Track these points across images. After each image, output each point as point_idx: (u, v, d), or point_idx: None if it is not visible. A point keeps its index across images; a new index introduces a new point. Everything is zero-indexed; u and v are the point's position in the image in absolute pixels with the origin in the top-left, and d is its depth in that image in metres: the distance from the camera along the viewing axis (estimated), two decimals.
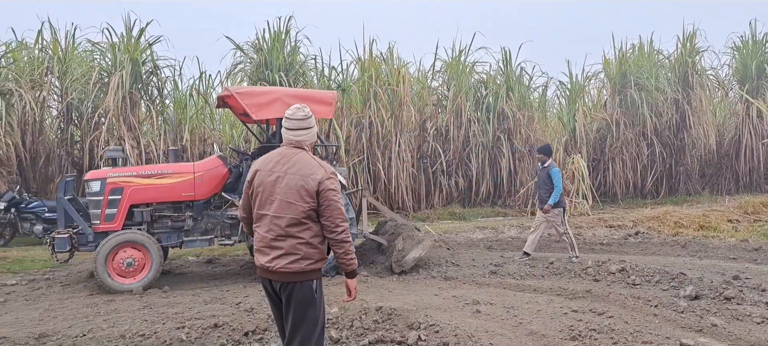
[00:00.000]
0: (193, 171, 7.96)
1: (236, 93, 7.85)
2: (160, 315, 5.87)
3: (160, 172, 7.95)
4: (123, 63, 12.42)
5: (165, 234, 7.98)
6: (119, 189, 7.72)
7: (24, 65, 12.67)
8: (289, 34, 13.98)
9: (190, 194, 7.93)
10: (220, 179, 8.16)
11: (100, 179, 7.75)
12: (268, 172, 3.42)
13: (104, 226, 7.69)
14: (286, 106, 7.74)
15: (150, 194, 7.84)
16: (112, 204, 7.71)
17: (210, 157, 8.80)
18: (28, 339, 5.18)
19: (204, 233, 8.08)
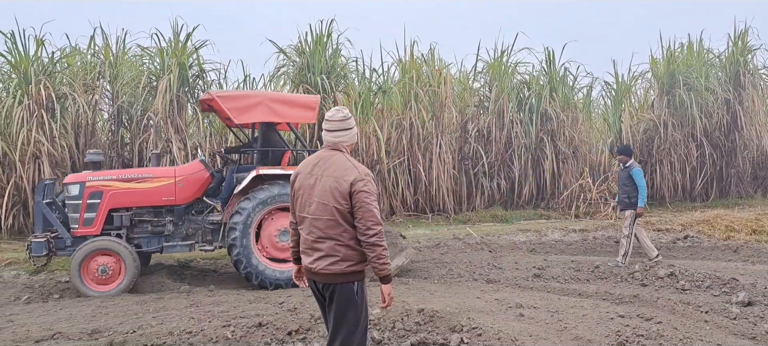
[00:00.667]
0: (174, 175, 7.94)
1: (218, 97, 7.84)
2: (206, 313, 6.01)
3: (140, 176, 7.94)
4: (170, 67, 12.74)
5: (145, 239, 7.93)
6: (98, 193, 7.67)
7: (77, 70, 13.09)
8: (331, 37, 14.09)
9: (171, 199, 7.89)
10: (201, 184, 8.11)
11: (79, 183, 7.72)
12: (307, 175, 3.47)
13: (83, 230, 7.65)
14: (269, 111, 7.91)
15: (130, 198, 7.79)
16: (90, 208, 7.67)
17: (192, 162, 8.74)
18: (81, 335, 5.38)
19: (185, 238, 8.02)
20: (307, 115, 8.14)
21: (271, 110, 7.87)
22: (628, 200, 8.82)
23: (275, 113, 7.91)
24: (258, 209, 7.61)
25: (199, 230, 8.04)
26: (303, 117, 8.18)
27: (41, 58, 12.44)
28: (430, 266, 8.89)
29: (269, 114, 7.86)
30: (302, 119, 8.28)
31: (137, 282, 8.14)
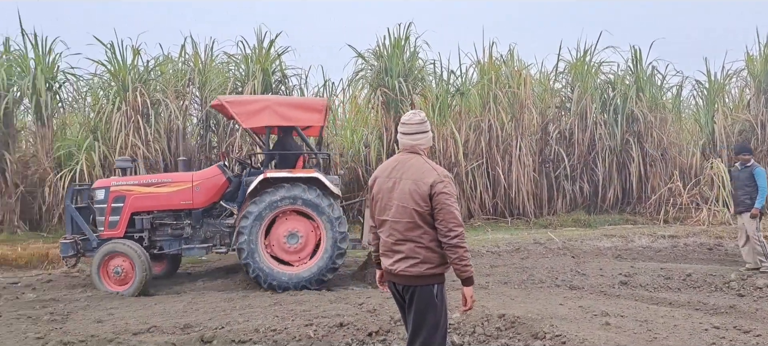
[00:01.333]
0: (192, 180, 8.15)
1: (226, 102, 8.01)
2: (289, 312, 6.17)
3: (159, 181, 8.23)
4: (255, 73, 13.21)
5: (166, 241, 8.18)
6: (121, 197, 8.01)
7: (169, 77, 13.83)
8: (409, 40, 14.16)
9: (188, 203, 8.10)
10: (218, 188, 8.29)
11: (105, 188, 8.10)
12: (385, 178, 3.50)
13: (108, 233, 7.99)
14: (275, 115, 7.93)
15: (150, 202, 8.08)
16: (115, 212, 8.02)
17: (210, 167, 8.95)
18: (174, 329, 5.66)
19: (203, 240, 8.22)
20: (314, 117, 8.08)
21: (277, 114, 7.93)
22: (749, 200, 8.32)
23: (282, 117, 7.96)
24: (265, 212, 7.69)
25: (217, 233, 8.23)
26: (310, 120, 8.13)
27: (137, 67, 13.22)
28: (509, 270, 8.74)
29: (275, 118, 7.93)
30: (309, 122, 8.22)
31: (224, 279, 8.50)
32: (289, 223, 7.83)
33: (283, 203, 7.69)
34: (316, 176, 7.82)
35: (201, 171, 8.69)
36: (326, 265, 7.75)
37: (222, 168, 8.48)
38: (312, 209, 7.74)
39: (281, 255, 7.84)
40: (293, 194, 7.69)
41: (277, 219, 7.83)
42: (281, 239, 7.81)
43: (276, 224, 7.83)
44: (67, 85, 13.77)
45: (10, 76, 12.70)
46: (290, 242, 7.82)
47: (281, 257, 7.84)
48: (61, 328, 5.86)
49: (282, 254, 7.84)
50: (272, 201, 7.66)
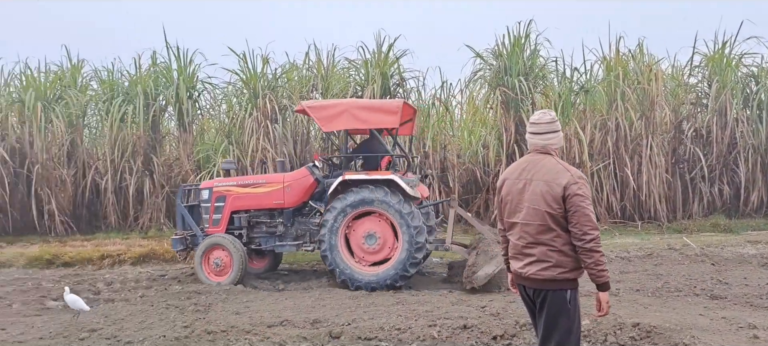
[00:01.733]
0: (283, 181, 8.52)
1: (308, 107, 8.27)
2: (412, 312, 6.25)
3: (255, 182, 8.70)
4: (374, 77, 13.52)
5: (263, 239, 8.66)
6: (223, 197, 8.62)
7: (295, 84, 14.51)
8: (529, 38, 13.82)
9: (280, 202, 8.50)
10: (307, 189, 8.58)
11: (209, 189, 8.76)
12: (515, 179, 3.44)
13: (212, 229, 8.64)
14: (352, 118, 8.08)
15: (247, 201, 8.59)
16: (217, 210, 8.65)
17: (300, 169, 9.23)
18: (305, 323, 5.94)
19: (295, 238, 8.56)
20: (390, 119, 8.12)
21: (355, 117, 8.09)
22: None
23: (359, 120, 8.12)
24: (344, 212, 7.87)
25: (307, 231, 8.55)
26: (385, 122, 8.19)
27: (266, 75, 14.01)
28: (641, 277, 8.26)
29: (353, 121, 8.11)
30: (385, 124, 8.28)
31: None
32: (368, 224, 8.02)
33: (361, 204, 7.89)
34: (392, 178, 7.90)
35: (291, 172, 9.06)
36: (403, 266, 7.82)
37: (310, 169, 8.82)
38: (388, 211, 7.86)
39: (360, 255, 8.07)
40: (370, 196, 7.85)
41: (357, 220, 8.05)
42: (360, 239, 8.03)
43: (355, 224, 8.06)
44: (205, 94, 14.88)
45: (156, 87, 13.97)
46: (368, 243, 8.01)
47: (362, 257, 8.07)
48: (204, 318, 6.34)
49: (361, 253, 8.06)
50: (350, 203, 7.89)
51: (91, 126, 15.38)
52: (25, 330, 6.10)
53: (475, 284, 7.43)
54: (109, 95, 13.99)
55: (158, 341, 5.43)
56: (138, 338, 5.60)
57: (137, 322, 6.25)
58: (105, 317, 6.49)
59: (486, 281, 7.41)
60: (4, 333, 6.03)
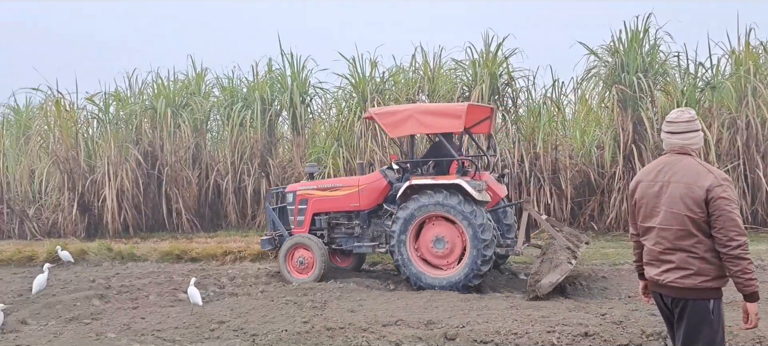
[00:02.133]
0: (358, 185, 8.79)
1: (375, 113, 8.53)
2: (527, 317, 6.11)
3: (333, 186, 9.07)
4: (482, 77, 13.37)
5: (342, 239, 8.97)
6: (305, 200, 9.02)
7: (401, 86, 14.68)
8: (648, 33, 13.08)
9: (356, 205, 8.77)
10: (380, 192, 8.75)
11: (293, 192, 9.21)
12: (650, 182, 3.27)
13: (297, 230, 9.07)
14: (418, 123, 8.16)
15: (326, 204, 8.95)
16: (301, 212, 9.06)
17: (374, 172, 9.54)
18: (419, 324, 5.98)
19: (371, 239, 8.79)
20: (454, 123, 8.07)
21: (420, 122, 8.19)
22: None
23: (424, 125, 8.26)
24: (411, 216, 7.98)
25: (382, 232, 8.69)
26: (450, 126, 8.18)
27: (374, 78, 14.27)
28: None
29: (418, 126, 8.26)
30: (449, 128, 8.26)
31: None
32: (437, 228, 8.07)
33: (427, 209, 7.96)
34: (459, 182, 7.85)
35: (366, 176, 9.24)
36: (471, 271, 7.76)
37: (384, 173, 8.98)
38: (455, 215, 7.84)
39: (429, 258, 8.13)
40: (435, 201, 7.88)
41: (426, 223, 8.11)
42: (429, 243, 8.10)
43: (425, 228, 8.13)
44: (316, 98, 15.42)
45: (272, 92, 14.66)
46: (437, 247, 8.06)
47: (429, 260, 8.13)
48: (322, 314, 6.57)
49: (430, 257, 8.12)
50: (417, 207, 7.98)
51: (212, 130, 16.42)
52: (162, 320, 6.60)
53: (538, 292, 7.14)
54: (229, 101, 14.87)
55: (281, 335, 5.69)
56: (262, 331, 5.90)
57: (260, 316, 6.59)
58: (231, 310, 6.91)
59: (550, 289, 7.14)
60: (144, 322, 6.57)
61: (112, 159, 14.05)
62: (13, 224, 15.16)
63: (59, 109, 14.85)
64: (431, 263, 8.12)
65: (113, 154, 14.10)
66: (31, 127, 16.36)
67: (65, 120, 14.73)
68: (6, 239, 14.71)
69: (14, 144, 15.86)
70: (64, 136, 14.51)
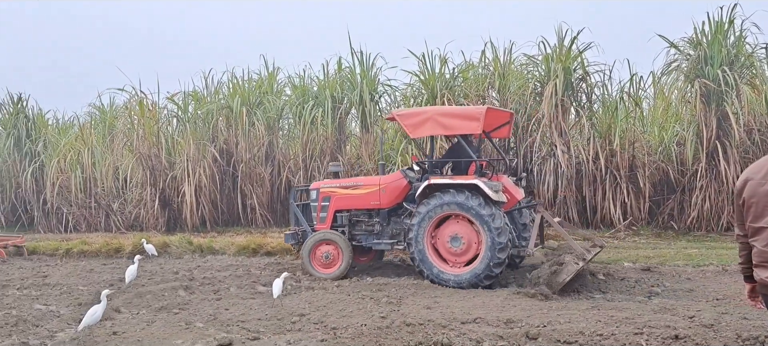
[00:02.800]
0: (379, 184, 9.06)
1: (397, 115, 8.85)
2: (610, 318, 5.95)
3: (355, 184, 9.34)
4: (556, 72, 13.08)
5: (363, 236, 9.15)
6: (328, 197, 9.29)
7: (471, 82, 14.56)
8: (733, 24, 12.44)
9: (377, 203, 9.02)
10: (401, 191, 8.99)
11: (316, 189, 9.47)
12: (761, 180, 3.10)
13: (319, 226, 9.34)
14: (437, 125, 8.37)
15: (348, 202, 9.19)
16: (324, 209, 9.33)
17: (395, 172, 9.80)
18: (498, 322, 5.93)
19: (391, 237, 9.02)
20: (472, 125, 8.29)
21: (439, 124, 8.42)
22: None
23: (443, 127, 8.47)
24: (429, 214, 8.20)
25: (401, 230, 8.89)
26: (468, 128, 8.39)
27: (443, 75, 14.22)
28: None
29: (438, 128, 8.49)
30: (468, 130, 8.47)
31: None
32: (454, 226, 8.28)
33: (444, 208, 8.17)
34: (476, 182, 8.03)
35: (386, 176, 9.49)
36: (483, 271, 7.96)
37: (405, 173, 9.23)
38: (469, 214, 8.04)
39: (445, 255, 8.35)
40: (453, 200, 8.10)
41: (445, 222, 8.32)
42: (445, 241, 8.31)
43: (443, 226, 8.34)
44: (385, 96, 15.50)
45: (342, 90, 14.85)
46: (453, 245, 8.25)
47: (445, 257, 8.34)
48: (398, 310, 6.61)
49: (446, 254, 8.34)
50: (435, 205, 8.20)
51: (284, 128, 16.80)
52: (245, 311, 6.82)
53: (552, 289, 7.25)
54: (300, 100, 15.17)
55: (361, 329, 5.77)
56: (342, 325, 6.00)
57: (338, 310, 6.70)
58: (309, 304, 7.06)
59: (560, 288, 7.27)
60: (228, 313, 6.80)
61: (190, 156, 14.63)
62: (99, 217, 16.03)
63: (142, 109, 15.60)
64: (447, 259, 8.34)
65: (191, 152, 14.67)
66: (116, 126, 17.25)
67: (148, 119, 15.44)
68: (93, 232, 15.59)
69: (100, 142, 16.75)
70: (147, 134, 15.21)
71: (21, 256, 12.21)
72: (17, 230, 16.52)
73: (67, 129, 18.29)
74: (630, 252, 10.53)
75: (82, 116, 18.82)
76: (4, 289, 8.58)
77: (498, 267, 7.97)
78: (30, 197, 16.77)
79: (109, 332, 5.98)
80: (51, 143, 17.10)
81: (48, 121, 18.19)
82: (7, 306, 7.40)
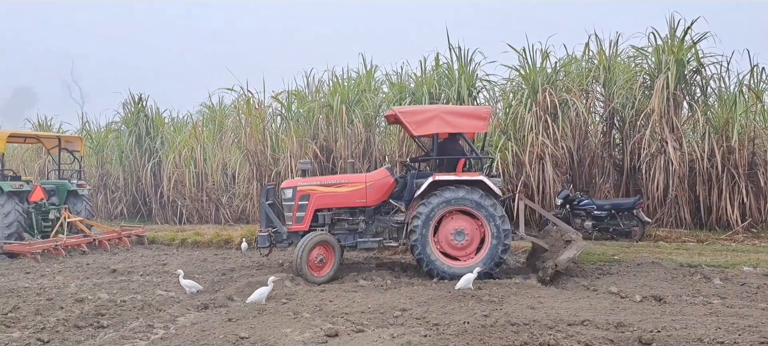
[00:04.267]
0: (365, 181, 9.07)
1: (399, 112, 8.69)
2: (731, 325, 5.61)
3: (338, 182, 9.20)
4: (668, 64, 12.37)
5: (343, 235, 9.06)
6: (307, 196, 9.06)
7: (574, 76, 14.07)
8: None
9: (362, 201, 9.03)
10: (387, 188, 9.14)
11: (292, 188, 9.16)
12: None
13: (295, 226, 9.08)
14: (443, 123, 8.47)
15: (331, 200, 9.08)
16: (301, 208, 9.07)
17: (379, 170, 9.60)
18: (607, 325, 5.73)
19: (375, 235, 9.09)
20: (479, 125, 8.66)
21: (445, 122, 8.52)
22: None
23: (449, 125, 8.57)
24: (434, 212, 8.39)
25: (386, 228, 9.05)
26: (475, 127, 8.73)
27: (545, 69, 13.84)
28: None
29: (444, 126, 8.54)
30: (474, 129, 8.80)
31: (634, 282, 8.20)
32: (455, 222, 8.54)
33: (450, 203, 8.41)
34: (481, 178, 8.49)
35: (372, 173, 9.42)
36: (492, 259, 8.40)
37: (389, 170, 9.31)
38: (477, 209, 8.41)
39: (449, 251, 8.55)
40: (459, 196, 8.40)
41: (444, 218, 8.55)
42: (449, 236, 8.55)
43: (443, 223, 8.55)
44: (483, 91, 15.31)
45: (440, 86, 14.82)
46: (457, 239, 8.53)
47: (449, 252, 8.55)
48: (501, 309, 6.54)
49: (449, 249, 8.55)
50: (440, 202, 8.39)
51: (380, 125, 17.01)
52: (348, 304, 7.00)
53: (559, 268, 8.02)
54: (398, 96, 15.29)
55: (463, 326, 5.75)
56: (443, 322, 6.02)
57: (439, 306, 6.74)
58: (410, 299, 7.15)
59: (568, 265, 8.07)
60: (333, 305, 6.99)
61: (293, 152, 15.16)
62: (210, 210, 17.02)
63: (249, 108, 16.36)
64: (449, 254, 8.55)
65: (294, 148, 15.20)
66: (225, 123, 18.22)
67: (254, 117, 16.18)
68: (204, 224, 16.58)
69: (211, 139, 17.75)
70: (253, 131, 15.94)
71: (142, 245, 13.23)
72: (137, 221, 17.89)
73: (181, 127, 19.53)
74: (750, 256, 9.80)
75: (194, 115, 20.06)
76: (130, 275, 9.33)
77: (505, 253, 8.50)
78: (149, 190, 18.07)
79: (225, 318, 6.36)
80: (167, 140, 18.32)
81: (165, 120, 19.49)
82: (133, 291, 8.05)
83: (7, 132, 13.03)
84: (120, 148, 19.11)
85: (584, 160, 13.99)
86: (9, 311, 6.84)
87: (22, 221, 12.04)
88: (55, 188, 13.39)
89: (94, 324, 6.33)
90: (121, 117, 19.61)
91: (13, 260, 11.19)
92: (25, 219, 12.22)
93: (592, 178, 14.11)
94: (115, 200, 19.26)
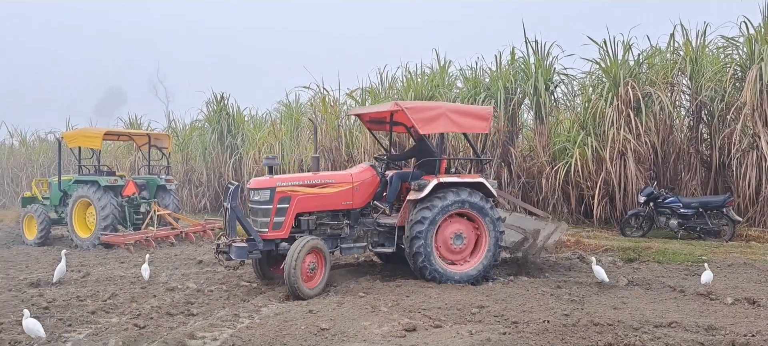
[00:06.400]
0: (352, 181, 8.23)
1: (405, 108, 8.02)
2: None
3: (323, 181, 8.15)
4: (761, 55, 11.66)
5: (325, 241, 7.90)
6: (287, 198, 7.83)
7: (658, 69, 13.50)
8: None
9: (349, 203, 8.21)
10: (374, 188, 8.48)
11: (270, 189, 7.80)
12: None
13: (272, 234, 7.74)
14: (449, 121, 8.13)
15: (315, 202, 8.05)
16: (280, 213, 7.78)
17: (364, 167, 8.71)
18: (697, 328, 5.51)
19: (357, 239, 8.35)
20: (481, 125, 8.48)
21: (451, 121, 8.19)
22: None
23: (455, 124, 8.28)
24: (438, 216, 7.89)
25: (368, 232, 8.34)
26: (478, 127, 8.56)
27: (627, 62, 13.36)
28: None
29: (450, 125, 8.23)
30: (477, 129, 8.66)
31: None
32: (453, 225, 8.13)
33: (453, 206, 7.98)
34: (482, 180, 8.21)
35: (358, 172, 8.50)
36: (490, 262, 8.15)
37: (374, 167, 8.65)
38: (477, 212, 8.08)
39: (447, 255, 8.15)
40: (461, 198, 8.00)
41: (443, 222, 8.08)
42: (448, 240, 8.11)
43: (441, 227, 8.08)
44: (561, 86, 14.96)
45: (515, 81, 14.60)
46: (456, 243, 8.13)
47: (447, 257, 8.15)
48: (582, 309, 6.41)
49: (448, 254, 8.16)
50: (444, 206, 7.92)
51: None
52: (425, 299, 6.99)
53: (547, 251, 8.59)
54: (472, 92, 15.17)
55: (544, 325, 5.68)
56: (522, 320, 5.96)
57: (518, 304, 6.67)
58: (487, 296, 7.11)
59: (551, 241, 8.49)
60: (409, 300, 7.04)
61: (367, 149, 15.36)
62: None
63: (325, 105, 16.71)
64: (447, 259, 8.14)
65: (368, 145, 15.40)
66: (301, 121, 18.69)
67: (330, 115, 16.51)
68: None
69: (288, 136, 18.25)
70: (329, 128, 16.27)
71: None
72: (220, 215, 18.64)
73: (260, 124, 20.19)
74: None
75: (272, 113, 20.69)
76: (214, 266, 9.75)
77: (499, 254, 8.33)
78: None
79: (306, 310, 6.56)
80: (247, 137, 19.00)
81: (245, 118, 20.22)
82: (218, 282, 8.43)
83: (102, 130, 13.90)
84: (203, 145, 20.00)
85: (669, 156, 13.43)
86: (108, 298, 7.34)
87: (116, 214, 12.81)
88: (146, 183, 14.16)
89: (184, 312, 6.69)
90: (205, 115, 20.50)
91: (109, 250, 11.94)
92: (119, 212, 12.99)
93: (678, 174, 13.52)
94: (199, 194, 20.18)
